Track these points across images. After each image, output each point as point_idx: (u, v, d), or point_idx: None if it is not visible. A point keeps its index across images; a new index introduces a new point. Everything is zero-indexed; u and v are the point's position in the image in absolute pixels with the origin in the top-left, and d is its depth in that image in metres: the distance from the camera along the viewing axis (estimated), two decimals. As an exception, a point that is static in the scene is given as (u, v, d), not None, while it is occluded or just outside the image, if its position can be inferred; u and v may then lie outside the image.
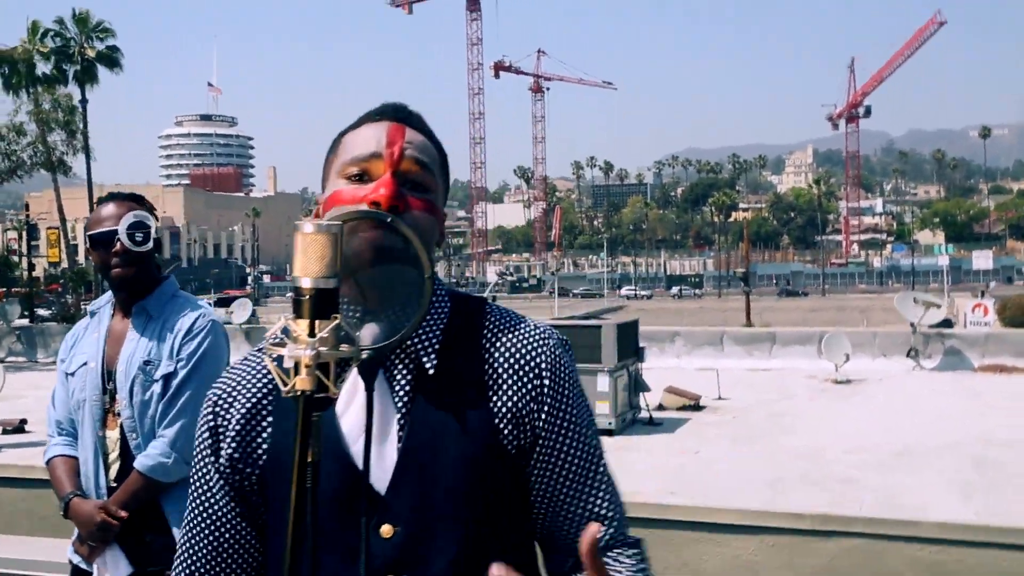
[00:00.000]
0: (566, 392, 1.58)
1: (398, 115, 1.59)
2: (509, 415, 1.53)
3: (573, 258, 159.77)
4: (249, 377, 1.61)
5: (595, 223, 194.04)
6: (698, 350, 20.30)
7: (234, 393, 1.60)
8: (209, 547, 1.60)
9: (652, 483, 9.56)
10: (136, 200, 3.32)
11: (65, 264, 51.20)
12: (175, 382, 3.16)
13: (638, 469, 10.47)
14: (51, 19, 43.78)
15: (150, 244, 3.20)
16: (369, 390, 1.47)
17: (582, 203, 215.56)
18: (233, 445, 1.57)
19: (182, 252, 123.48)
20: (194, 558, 1.61)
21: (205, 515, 1.60)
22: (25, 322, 32.66)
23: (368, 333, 1.47)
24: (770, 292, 79.17)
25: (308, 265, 1.25)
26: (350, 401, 1.51)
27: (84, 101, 42.16)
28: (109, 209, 3.23)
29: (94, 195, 49.65)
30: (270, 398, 1.57)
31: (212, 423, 1.60)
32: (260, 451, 1.56)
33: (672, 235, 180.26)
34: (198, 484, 1.62)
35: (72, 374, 3.29)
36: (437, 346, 1.54)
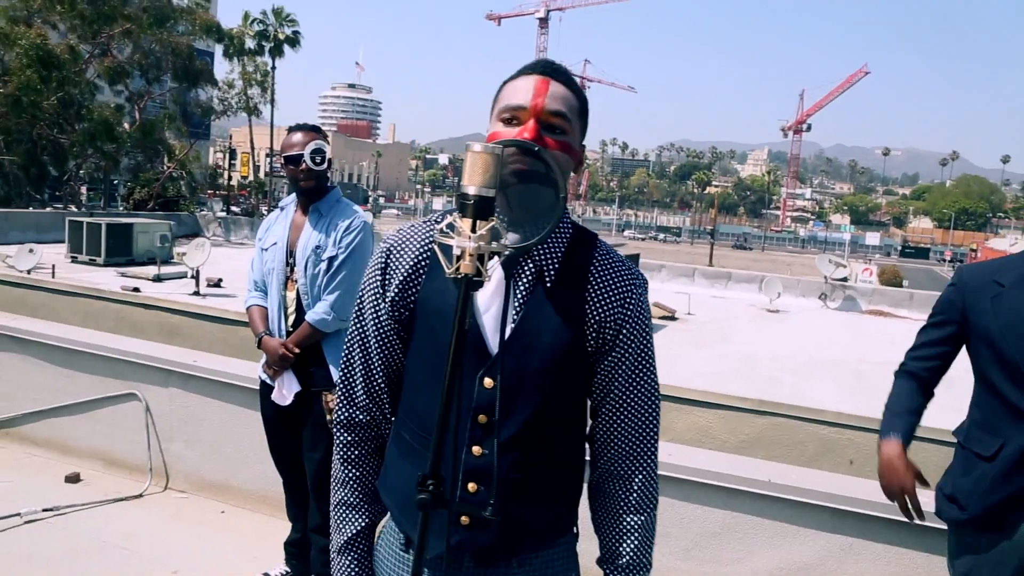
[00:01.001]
0: (640, 322, 1.44)
1: (545, 71, 1.40)
2: (596, 325, 1.41)
3: (593, 207, 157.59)
4: (415, 240, 1.46)
5: (611, 184, 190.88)
6: (676, 279, 20.05)
7: (403, 248, 1.46)
8: (375, 362, 1.49)
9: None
10: (316, 130, 3.21)
11: (252, 177, 51.55)
12: (336, 263, 3.06)
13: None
14: (258, 10, 43.95)
15: (325, 165, 3.13)
16: (508, 279, 1.37)
17: (603, 170, 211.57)
18: (396, 288, 1.44)
19: (330, 176, 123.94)
20: (362, 370, 1.51)
21: (383, 343, 1.48)
22: (224, 214, 32.94)
23: (511, 235, 1.35)
24: (727, 244, 77.93)
25: (474, 176, 1.16)
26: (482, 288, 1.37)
27: (274, 67, 42.19)
28: (298, 137, 3.12)
29: (274, 132, 49.82)
30: (427, 261, 1.43)
31: (384, 263, 1.46)
32: (412, 298, 1.43)
33: (664, 198, 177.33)
34: (368, 300, 1.49)
35: (266, 249, 3.23)
36: (558, 264, 1.41)
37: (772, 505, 3.21)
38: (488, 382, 1.37)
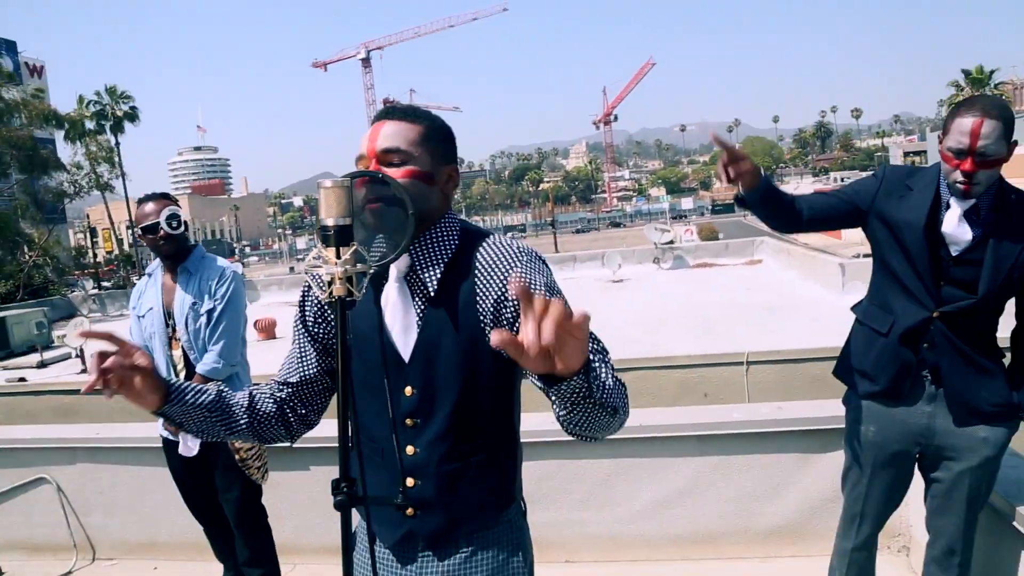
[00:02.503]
0: (535, 287, 1.35)
1: (380, 116, 1.44)
2: (492, 310, 1.37)
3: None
4: None
5: (456, 196, 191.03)
6: (530, 270, 20.43)
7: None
8: (299, 362, 1.53)
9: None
10: (166, 197, 3.15)
11: (116, 251, 48.56)
12: (215, 314, 3.02)
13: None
14: (90, 89, 41.41)
15: (182, 228, 3.07)
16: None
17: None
18: (314, 318, 1.51)
19: (192, 237, 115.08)
20: (290, 366, 1.53)
21: (300, 347, 1.53)
22: (96, 290, 30.78)
23: (374, 255, 1.34)
24: (568, 231, 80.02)
25: (330, 210, 1.19)
26: (387, 307, 1.42)
27: (117, 143, 39.83)
28: (150, 207, 3.04)
29: (131, 204, 47.12)
30: None
31: (303, 300, 1.53)
32: (333, 325, 1.48)
33: (504, 200, 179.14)
34: (297, 330, 1.55)
35: (142, 316, 3.12)
36: (439, 275, 1.39)
37: (648, 445, 3.37)
38: (408, 390, 1.41)
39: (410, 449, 1.42)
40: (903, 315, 2.23)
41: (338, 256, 1.17)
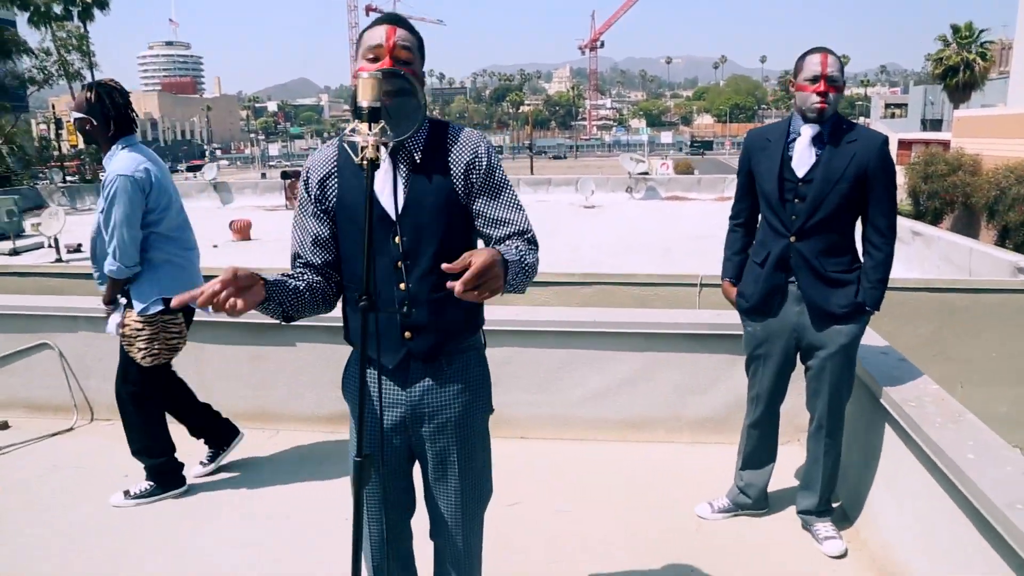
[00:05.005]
0: (492, 164, 1.81)
1: (391, 20, 1.77)
2: (462, 177, 1.79)
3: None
4: (325, 156, 1.86)
5: (433, 113, 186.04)
6: (504, 191, 20.59)
7: (316, 163, 1.86)
8: (306, 234, 1.86)
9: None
10: (94, 87, 3.16)
11: (81, 145, 47.19)
12: (104, 217, 3.10)
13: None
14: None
15: (75, 116, 3.12)
16: (394, 162, 1.76)
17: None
18: (317, 189, 1.84)
19: (160, 137, 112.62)
20: (299, 239, 1.87)
21: (305, 219, 1.86)
22: (63, 184, 30.34)
23: (392, 131, 1.64)
24: (545, 156, 79.59)
25: (365, 95, 1.52)
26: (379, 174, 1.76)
27: (86, 31, 38.13)
28: None
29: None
30: (336, 167, 1.83)
31: (306, 177, 1.87)
32: (332, 194, 1.83)
33: (483, 120, 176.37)
34: (300, 205, 1.89)
35: None
36: (422, 148, 1.78)
37: (598, 339, 3.82)
38: (397, 239, 1.77)
39: (402, 285, 1.79)
40: (773, 246, 2.79)
41: (370, 129, 1.53)
